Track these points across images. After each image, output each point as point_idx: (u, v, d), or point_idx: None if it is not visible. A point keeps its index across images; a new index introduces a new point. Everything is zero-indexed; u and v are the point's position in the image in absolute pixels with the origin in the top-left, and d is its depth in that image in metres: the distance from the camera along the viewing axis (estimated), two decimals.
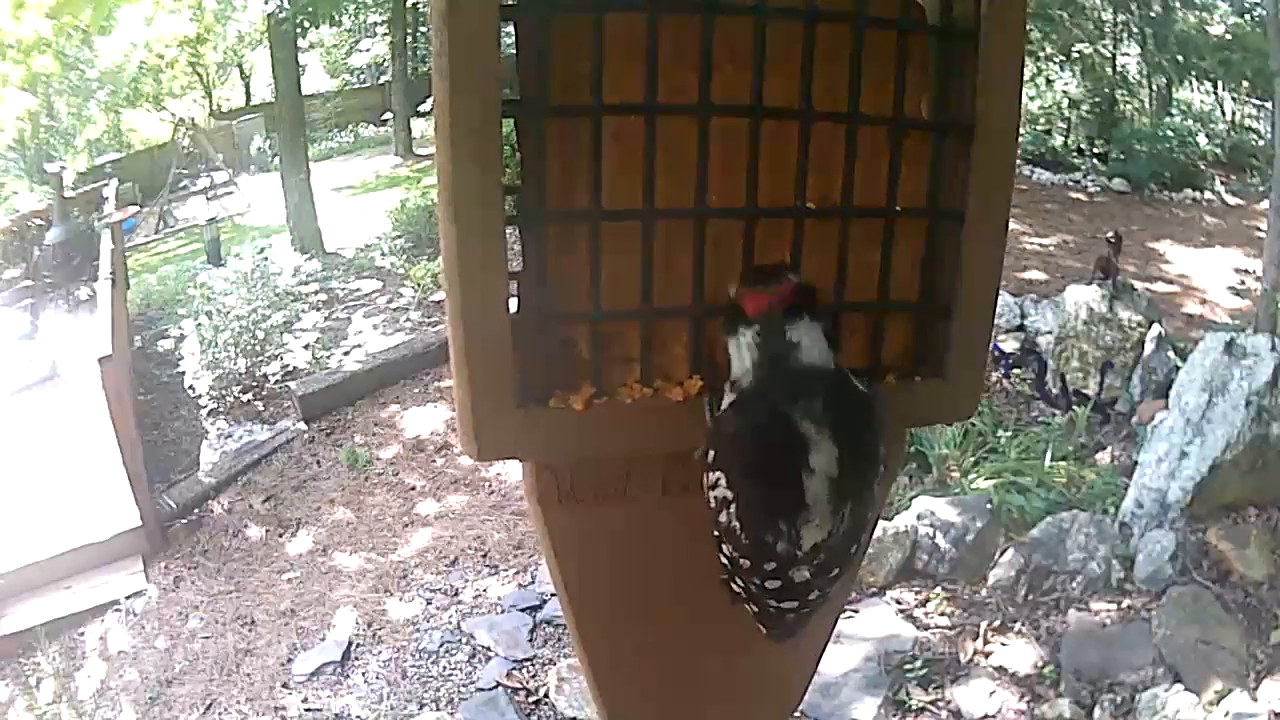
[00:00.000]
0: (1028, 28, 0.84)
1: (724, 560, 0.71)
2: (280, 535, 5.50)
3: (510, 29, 0.70)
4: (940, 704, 3.50)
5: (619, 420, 0.75)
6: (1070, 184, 11.64)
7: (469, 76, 0.66)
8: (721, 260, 0.75)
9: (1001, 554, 4.12)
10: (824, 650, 0.93)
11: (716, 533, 0.70)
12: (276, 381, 7.08)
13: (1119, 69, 12.99)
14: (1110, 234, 6.34)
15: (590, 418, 0.74)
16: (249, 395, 6.97)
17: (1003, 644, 3.72)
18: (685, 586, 0.80)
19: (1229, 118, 13.29)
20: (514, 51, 0.71)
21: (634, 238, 0.73)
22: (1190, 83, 13.19)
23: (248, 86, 20.10)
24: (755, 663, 0.88)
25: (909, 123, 0.78)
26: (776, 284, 0.68)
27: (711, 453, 0.69)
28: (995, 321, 0.89)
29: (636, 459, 0.78)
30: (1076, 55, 12.74)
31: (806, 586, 0.69)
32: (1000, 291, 0.89)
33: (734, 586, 0.72)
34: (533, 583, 4.70)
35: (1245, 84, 12.75)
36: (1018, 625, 3.81)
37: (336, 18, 13.40)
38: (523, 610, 4.49)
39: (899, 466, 0.92)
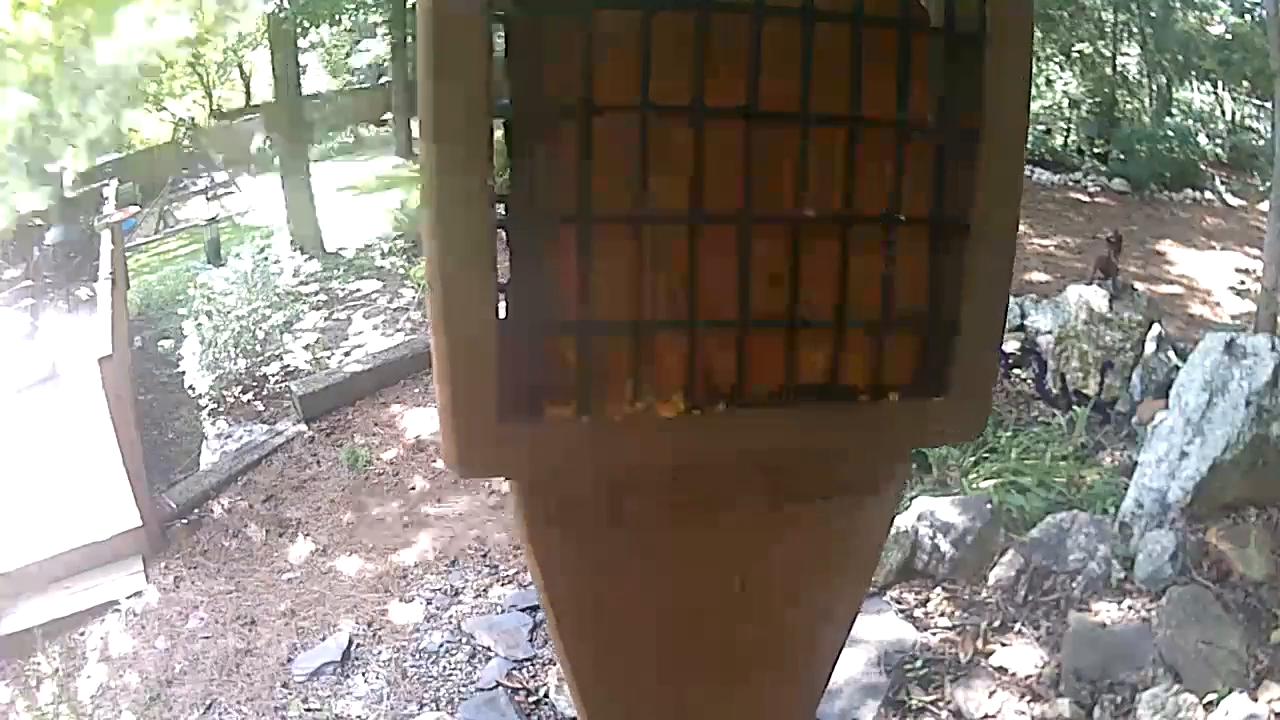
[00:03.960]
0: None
1: None
2: (280, 535, 5.50)
3: (500, 27, 0.69)
4: (940, 704, 3.50)
5: (610, 437, 0.73)
6: (1070, 184, 11.63)
7: (454, 74, 0.64)
8: (716, 268, 0.74)
9: (1001, 554, 4.12)
10: (827, 683, 0.91)
11: None
12: (276, 381, 7.09)
13: (1119, 69, 12.99)
14: (1110, 234, 6.34)
15: (580, 433, 0.72)
16: (249, 395, 6.97)
17: (1003, 644, 3.72)
18: (682, 615, 0.78)
19: (1229, 118, 13.27)
20: (503, 51, 0.70)
21: (626, 244, 0.72)
22: (1190, 83, 13.19)
23: (248, 86, 20.09)
24: (754, 696, 0.86)
25: (912, 127, 0.77)
26: None
27: None
28: None
29: (630, 478, 0.76)
30: (1076, 55, 12.75)
31: None
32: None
33: None
34: (533, 583, 4.70)
35: (1245, 84, 12.74)
36: (1018, 625, 3.80)
37: (336, 18, 13.40)
38: (523, 610, 4.49)
39: (903, 486, 0.90)
